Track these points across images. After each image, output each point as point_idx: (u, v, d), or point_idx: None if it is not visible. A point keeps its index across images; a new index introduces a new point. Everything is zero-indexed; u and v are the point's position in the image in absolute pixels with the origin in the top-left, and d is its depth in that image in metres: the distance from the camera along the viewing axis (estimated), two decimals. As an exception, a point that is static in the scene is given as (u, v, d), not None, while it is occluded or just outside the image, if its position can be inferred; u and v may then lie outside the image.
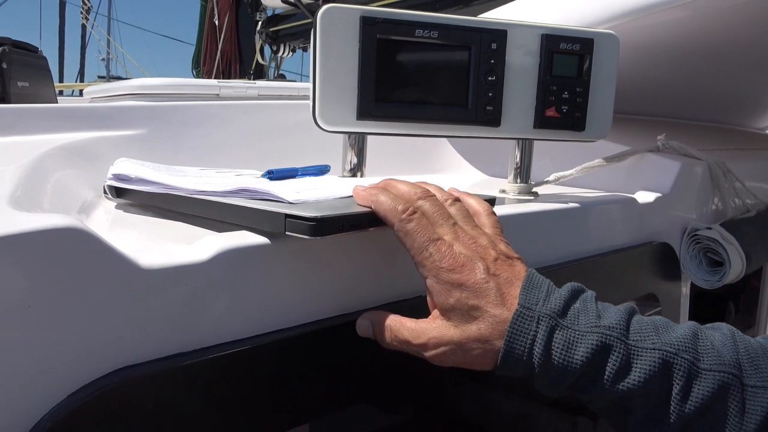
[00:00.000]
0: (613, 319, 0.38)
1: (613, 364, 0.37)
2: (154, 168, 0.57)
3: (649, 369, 0.37)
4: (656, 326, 0.39)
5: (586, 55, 0.67)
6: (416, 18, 0.60)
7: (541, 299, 0.39)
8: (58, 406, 0.33)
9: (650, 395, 0.37)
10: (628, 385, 0.37)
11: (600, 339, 0.37)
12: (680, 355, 0.37)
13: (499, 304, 0.39)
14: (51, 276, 0.32)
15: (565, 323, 0.38)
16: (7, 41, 0.86)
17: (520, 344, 0.38)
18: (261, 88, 0.93)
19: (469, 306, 0.39)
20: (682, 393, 0.36)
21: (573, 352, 0.38)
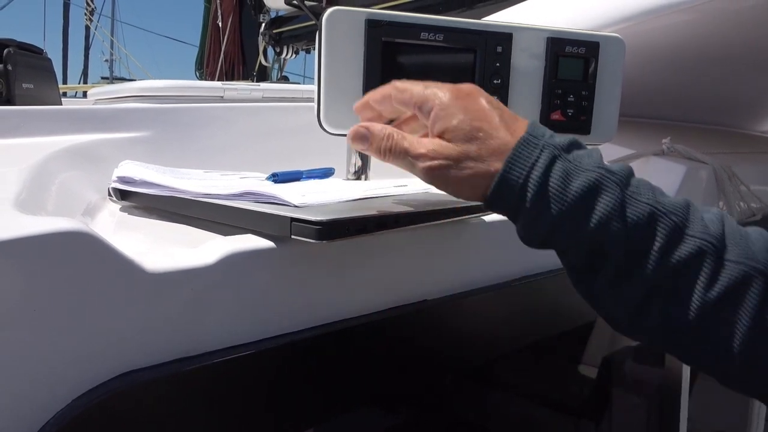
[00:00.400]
0: (616, 168, 0.39)
1: (606, 205, 0.37)
2: (159, 170, 0.57)
3: (637, 219, 0.37)
4: (654, 188, 0.39)
5: (591, 59, 0.66)
6: (421, 21, 0.59)
7: (548, 134, 0.39)
8: (63, 410, 0.33)
9: (630, 247, 0.37)
10: (613, 230, 0.37)
11: (598, 177, 0.37)
12: (669, 215, 0.37)
13: (503, 128, 0.39)
14: (56, 279, 0.32)
15: (567, 157, 0.38)
16: (12, 43, 0.86)
17: (519, 168, 0.38)
18: (265, 90, 0.93)
19: (473, 126, 0.39)
20: (661, 251, 0.37)
21: (569, 184, 0.37)
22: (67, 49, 11.19)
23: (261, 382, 0.40)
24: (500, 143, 0.39)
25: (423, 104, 0.41)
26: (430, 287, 0.52)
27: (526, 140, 0.39)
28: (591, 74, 0.66)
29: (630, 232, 0.37)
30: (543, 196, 0.38)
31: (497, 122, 0.39)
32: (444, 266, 0.54)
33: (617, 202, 0.37)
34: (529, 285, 0.62)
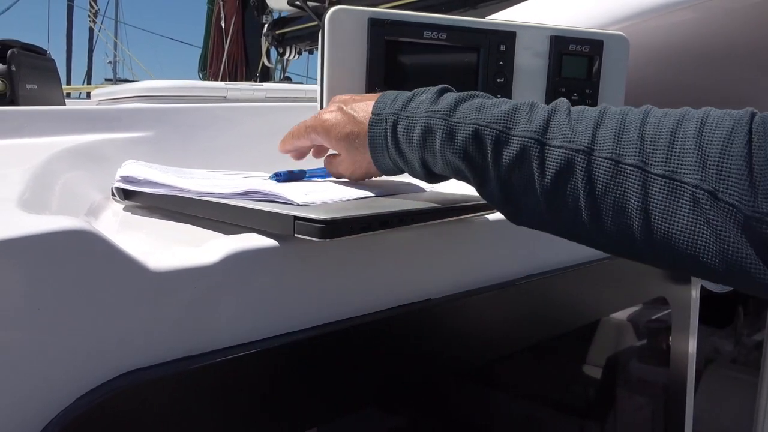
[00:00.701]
0: (445, 104, 0.46)
1: (439, 139, 0.45)
2: (162, 170, 0.57)
3: (464, 139, 0.44)
4: (482, 106, 0.45)
5: (595, 57, 0.66)
6: (424, 20, 0.59)
7: (388, 103, 0.48)
8: (67, 410, 0.32)
9: (472, 161, 0.44)
10: (454, 155, 0.44)
11: (427, 120, 0.46)
12: (491, 126, 0.43)
13: (361, 122, 0.49)
14: (59, 278, 0.31)
15: (405, 114, 0.47)
16: (16, 44, 0.87)
17: (378, 141, 0.48)
18: (268, 90, 0.93)
19: (347, 133, 0.50)
20: (494, 156, 0.43)
21: (411, 135, 0.47)
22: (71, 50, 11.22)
23: (265, 380, 0.40)
24: (364, 135, 0.49)
25: (311, 139, 0.54)
26: (433, 286, 0.52)
27: (372, 121, 0.49)
28: (595, 72, 0.66)
29: (465, 151, 0.44)
30: (402, 155, 0.48)
31: (360, 120, 0.49)
32: (448, 265, 0.54)
33: (445, 133, 0.45)
34: (534, 284, 0.62)
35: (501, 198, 0.44)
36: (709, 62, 0.99)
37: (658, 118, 0.39)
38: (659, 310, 0.92)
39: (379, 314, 0.47)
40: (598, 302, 0.75)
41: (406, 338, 0.50)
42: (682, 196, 0.37)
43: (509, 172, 0.42)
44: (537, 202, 0.42)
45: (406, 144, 0.47)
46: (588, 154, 0.40)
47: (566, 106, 0.43)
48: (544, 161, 0.41)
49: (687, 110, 0.39)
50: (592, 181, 0.39)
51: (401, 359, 0.49)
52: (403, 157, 0.48)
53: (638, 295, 0.83)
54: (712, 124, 0.37)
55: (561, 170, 0.40)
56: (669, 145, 0.37)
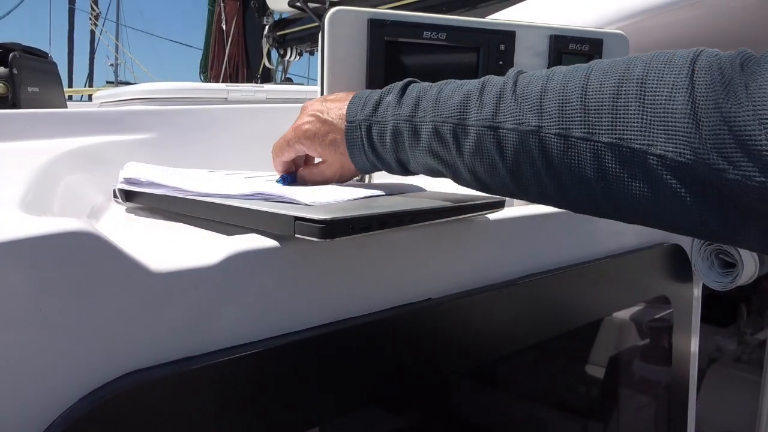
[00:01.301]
0: (407, 103, 0.48)
1: (408, 140, 0.47)
2: (165, 171, 0.57)
3: (428, 137, 0.46)
4: (438, 100, 0.46)
5: (595, 56, 0.66)
6: (424, 20, 0.59)
7: (359, 109, 0.50)
8: (69, 410, 0.33)
9: (439, 156, 0.46)
10: (423, 153, 0.47)
11: (394, 123, 0.48)
12: (447, 121, 0.45)
13: (339, 128, 0.51)
14: (61, 279, 0.32)
15: (377, 119, 0.49)
16: (18, 47, 0.87)
17: (356, 147, 0.51)
18: (269, 92, 0.94)
19: (330, 141, 0.52)
20: (457, 148, 0.45)
21: (384, 139, 0.49)
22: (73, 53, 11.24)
23: (266, 380, 0.40)
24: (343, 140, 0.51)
25: (291, 152, 0.55)
26: (434, 286, 0.52)
27: (348, 130, 0.51)
28: (595, 72, 0.66)
29: (430, 147, 0.46)
30: (379, 157, 0.50)
31: (336, 129, 0.51)
32: (448, 265, 0.54)
33: (411, 134, 0.47)
34: (535, 284, 0.62)
35: (475, 184, 0.46)
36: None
37: (599, 80, 0.38)
38: (661, 309, 0.92)
39: (379, 314, 0.47)
40: (599, 301, 0.75)
41: (406, 338, 0.50)
42: (633, 163, 0.36)
43: (473, 161, 0.44)
44: (505, 182, 0.44)
45: (380, 147, 0.49)
46: (537, 133, 0.40)
47: (512, 82, 0.43)
48: (501, 145, 0.42)
49: (629, 64, 0.38)
50: (548, 158, 0.40)
51: (402, 359, 0.50)
52: (380, 159, 0.50)
53: (639, 294, 0.83)
54: (653, 82, 0.36)
55: (518, 151, 0.42)
56: (612, 110, 0.37)
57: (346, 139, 0.51)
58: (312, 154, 0.54)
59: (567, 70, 0.41)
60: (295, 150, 0.54)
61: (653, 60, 0.37)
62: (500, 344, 0.60)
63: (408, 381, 0.50)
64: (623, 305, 0.84)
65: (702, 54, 0.35)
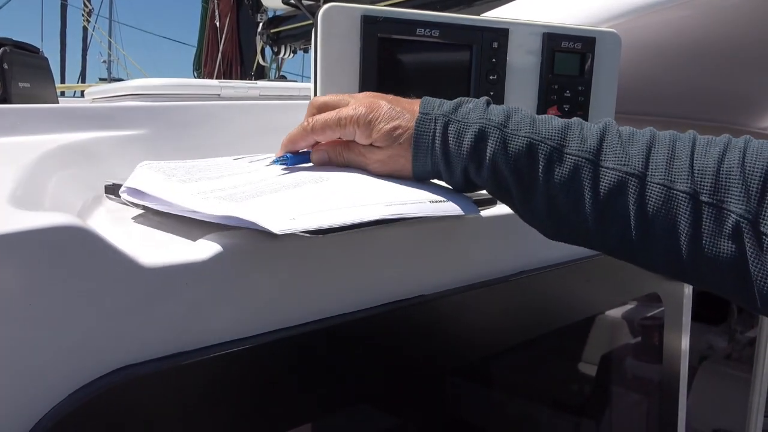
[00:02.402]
0: (497, 114, 0.46)
1: (491, 147, 0.45)
2: (170, 171, 0.53)
3: (517, 151, 0.44)
4: (534, 120, 0.46)
5: (587, 54, 0.67)
6: (417, 17, 0.59)
7: (436, 106, 0.48)
8: (59, 405, 0.33)
9: (521, 175, 0.45)
10: (505, 165, 0.45)
11: (481, 127, 0.46)
12: (545, 141, 0.44)
13: (410, 119, 0.48)
14: (52, 274, 0.31)
15: (456, 118, 0.47)
16: (8, 42, 0.86)
17: (424, 141, 0.47)
18: (262, 89, 0.93)
19: (391, 128, 0.48)
20: (545, 172, 0.44)
21: (462, 138, 0.46)
22: (65, 50, 11.18)
23: (257, 377, 0.40)
24: (410, 132, 0.48)
25: (346, 131, 0.50)
26: (427, 282, 0.52)
27: (420, 120, 0.48)
28: (587, 69, 0.66)
29: (516, 163, 0.45)
30: (447, 158, 0.47)
31: (407, 116, 0.48)
32: (441, 261, 0.54)
33: (499, 141, 0.45)
34: (527, 281, 0.62)
35: (545, 214, 0.45)
36: (700, 59, 1.00)
37: (704, 147, 0.41)
38: (654, 307, 0.93)
39: (372, 310, 0.47)
40: (591, 298, 0.75)
41: (399, 335, 0.50)
42: (726, 223, 0.39)
43: (560, 189, 0.44)
44: (584, 220, 0.43)
45: (454, 147, 0.46)
46: (641, 178, 0.42)
47: (616, 129, 0.44)
48: (597, 181, 0.42)
49: (729, 139, 0.41)
50: (643, 204, 0.41)
51: (394, 356, 0.50)
52: (447, 161, 0.47)
53: (631, 292, 0.84)
54: (752, 154, 0.39)
55: (613, 191, 0.42)
56: (715, 174, 0.40)
57: (415, 131, 0.47)
58: (362, 140, 0.49)
59: (671, 133, 0.44)
60: (345, 132, 0.49)
61: (750, 140, 0.41)
62: (493, 341, 0.60)
63: (400, 377, 0.51)
64: (615, 303, 0.85)
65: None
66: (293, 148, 0.54)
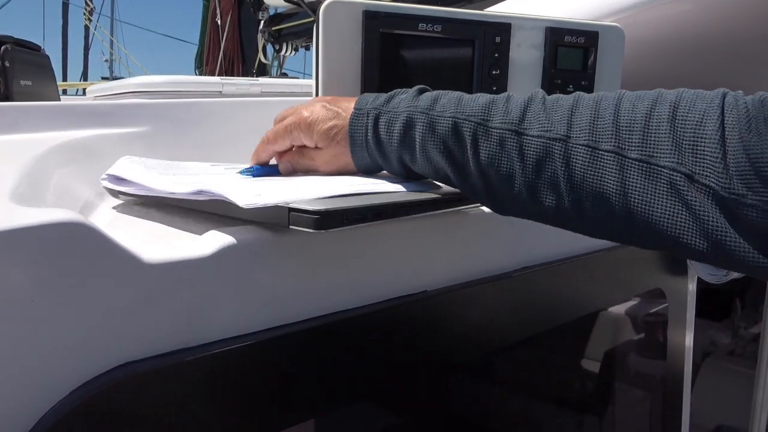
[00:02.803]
0: (425, 100, 0.47)
1: (420, 132, 0.45)
2: (154, 165, 0.56)
3: (444, 131, 0.44)
4: (461, 100, 0.45)
5: (591, 49, 0.66)
6: (419, 12, 0.59)
7: (370, 101, 0.49)
8: (61, 403, 0.32)
9: (452, 155, 0.44)
10: (435, 148, 0.45)
11: (408, 114, 0.46)
12: (469, 119, 0.44)
13: (346, 117, 0.49)
14: (53, 271, 0.31)
15: (387, 109, 0.48)
16: (10, 40, 0.86)
17: (359, 136, 0.48)
18: (263, 85, 0.93)
19: (329, 127, 0.50)
20: (473, 149, 0.43)
21: (392, 129, 0.47)
22: (67, 49, 11.18)
23: (261, 373, 0.40)
24: (345, 129, 0.49)
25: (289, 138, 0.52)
26: (429, 278, 0.52)
27: (353, 116, 0.49)
28: (590, 64, 0.66)
29: (444, 144, 0.44)
30: (381, 150, 0.48)
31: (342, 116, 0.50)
32: (444, 257, 0.54)
33: (426, 125, 0.45)
34: (530, 276, 0.62)
35: (483, 191, 0.44)
36: (703, 53, 0.99)
37: (632, 103, 0.40)
38: (657, 303, 0.92)
39: (374, 306, 0.47)
40: (594, 294, 0.75)
41: (401, 330, 0.50)
42: (659, 180, 0.37)
43: (489, 164, 0.43)
44: (519, 192, 0.43)
45: (386, 138, 0.47)
46: (565, 141, 0.40)
47: (541, 96, 0.44)
48: (523, 151, 0.42)
49: (660, 93, 0.40)
50: (570, 169, 0.40)
51: (397, 351, 0.49)
52: (383, 153, 0.48)
53: (635, 287, 0.83)
54: (684, 107, 0.37)
55: (540, 159, 0.41)
56: (644, 129, 0.38)
57: (350, 126, 0.49)
58: (306, 142, 0.52)
59: (596, 93, 0.43)
60: (291, 138, 0.52)
61: (684, 92, 0.39)
62: (496, 337, 0.60)
63: (403, 374, 0.50)
64: (619, 298, 0.85)
65: (728, 93, 0.37)
66: (258, 160, 0.56)
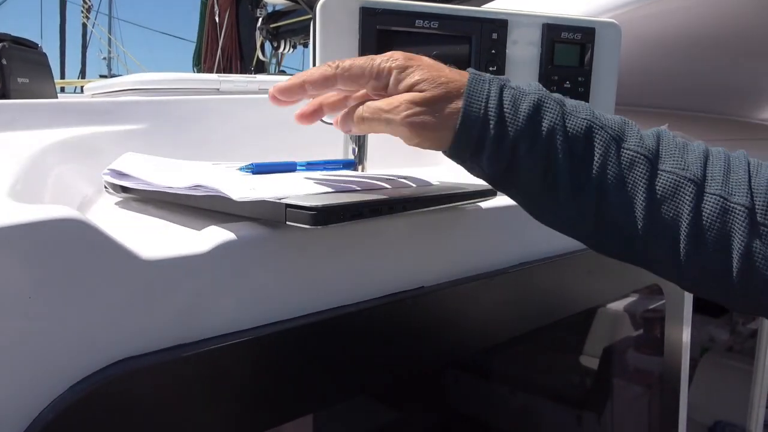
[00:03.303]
0: (556, 95, 0.43)
1: (549, 121, 0.41)
2: (154, 162, 0.56)
3: (576, 131, 0.41)
4: (593, 110, 0.43)
5: (587, 45, 0.66)
6: (416, 8, 0.59)
7: (488, 76, 0.43)
8: (60, 398, 0.33)
9: (575, 160, 0.41)
10: (558, 143, 0.41)
11: (540, 98, 0.42)
12: (605, 129, 0.41)
13: (455, 74, 0.43)
14: (52, 267, 0.31)
15: (512, 86, 0.43)
16: (7, 37, 0.86)
17: (477, 101, 0.42)
18: (261, 82, 0.93)
19: (434, 75, 0.42)
20: (602, 162, 0.41)
21: (518, 107, 0.41)
22: (65, 47, 11.13)
23: (259, 369, 0.40)
24: (458, 84, 0.42)
25: (378, 74, 0.43)
26: (426, 274, 0.52)
27: (474, 78, 0.42)
28: (587, 60, 0.66)
29: (572, 144, 0.41)
30: (501, 121, 0.41)
31: (448, 70, 0.43)
32: (441, 253, 0.54)
33: (558, 116, 0.41)
34: (527, 272, 0.62)
35: (594, 209, 0.42)
36: (700, 50, 1.00)
37: (756, 168, 0.41)
38: (655, 299, 0.93)
39: (371, 302, 0.47)
40: (592, 290, 0.75)
41: (399, 326, 0.50)
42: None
43: (612, 183, 0.41)
44: (633, 223, 0.41)
45: (510, 114, 0.41)
46: (698, 184, 0.40)
47: (671, 135, 0.43)
48: (653, 182, 0.40)
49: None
50: (698, 213, 0.40)
51: (394, 347, 0.50)
52: (499, 129, 0.41)
53: (632, 284, 0.84)
54: None
55: (668, 194, 0.40)
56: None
57: (468, 86, 0.42)
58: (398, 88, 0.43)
59: (722, 149, 0.43)
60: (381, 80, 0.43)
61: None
62: (493, 333, 0.60)
63: (401, 369, 0.51)
64: (616, 295, 0.85)
65: None
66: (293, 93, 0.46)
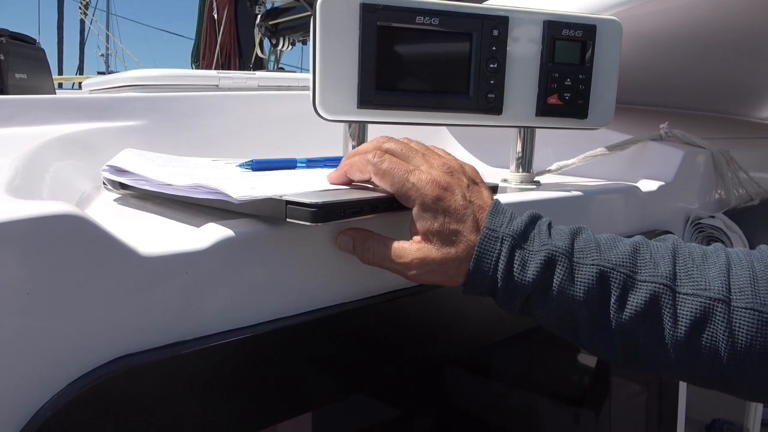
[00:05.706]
0: (562, 240, 0.42)
1: (558, 277, 0.41)
2: (151, 159, 0.56)
3: (588, 282, 0.41)
4: (599, 244, 0.42)
5: (588, 42, 0.66)
6: (417, 5, 0.59)
7: (504, 223, 0.43)
8: (58, 395, 0.32)
9: (591, 307, 0.41)
10: (571, 296, 0.41)
11: (547, 255, 0.41)
12: (617, 269, 0.41)
13: (474, 229, 0.43)
14: (50, 263, 0.31)
15: (524, 245, 0.42)
16: (5, 33, 0.86)
17: (487, 262, 0.42)
18: (260, 79, 0.93)
19: (451, 231, 0.42)
20: (619, 302, 0.41)
21: (527, 268, 0.42)
22: (62, 43, 11.10)
23: (258, 366, 0.40)
24: (472, 245, 0.42)
25: (405, 196, 0.43)
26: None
27: (487, 236, 0.42)
28: (588, 58, 0.66)
29: (586, 294, 0.41)
30: (508, 283, 0.42)
31: (470, 223, 0.43)
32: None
33: (567, 272, 0.41)
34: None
35: (620, 347, 0.41)
36: (701, 49, 0.99)
37: None
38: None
39: (371, 300, 0.47)
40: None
41: (398, 324, 0.50)
42: None
43: (635, 320, 0.40)
44: (665, 352, 0.40)
45: (518, 275, 0.41)
46: (726, 303, 0.39)
47: (686, 249, 0.42)
48: (677, 309, 0.40)
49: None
50: (733, 331, 0.39)
51: (394, 346, 0.49)
52: (508, 287, 0.42)
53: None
54: None
55: (696, 320, 0.39)
56: None
57: (481, 241, 0.42)
58: (414, 225, 0.43)
59: (740, 249, 0.42)
60: (402, 196, 0.42)
61: None
62: (492, 331, 0.60)
63: (399, 368, 0.50)
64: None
65: None
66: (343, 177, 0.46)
